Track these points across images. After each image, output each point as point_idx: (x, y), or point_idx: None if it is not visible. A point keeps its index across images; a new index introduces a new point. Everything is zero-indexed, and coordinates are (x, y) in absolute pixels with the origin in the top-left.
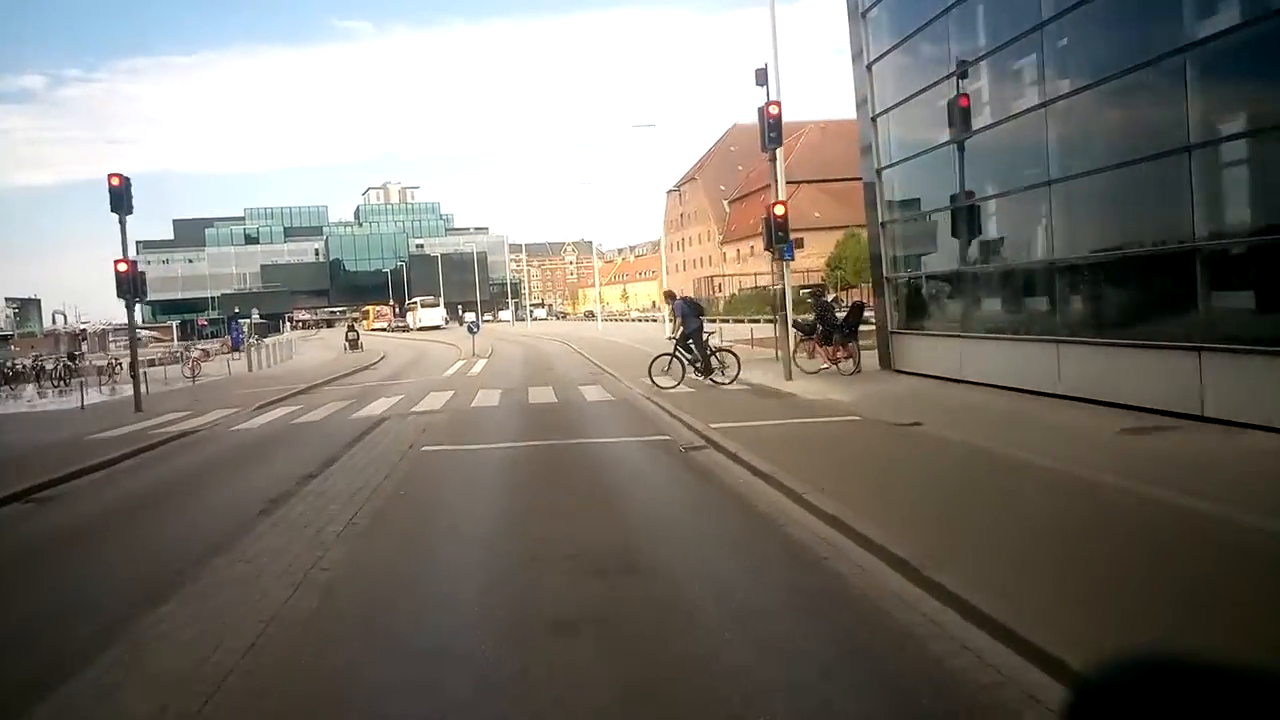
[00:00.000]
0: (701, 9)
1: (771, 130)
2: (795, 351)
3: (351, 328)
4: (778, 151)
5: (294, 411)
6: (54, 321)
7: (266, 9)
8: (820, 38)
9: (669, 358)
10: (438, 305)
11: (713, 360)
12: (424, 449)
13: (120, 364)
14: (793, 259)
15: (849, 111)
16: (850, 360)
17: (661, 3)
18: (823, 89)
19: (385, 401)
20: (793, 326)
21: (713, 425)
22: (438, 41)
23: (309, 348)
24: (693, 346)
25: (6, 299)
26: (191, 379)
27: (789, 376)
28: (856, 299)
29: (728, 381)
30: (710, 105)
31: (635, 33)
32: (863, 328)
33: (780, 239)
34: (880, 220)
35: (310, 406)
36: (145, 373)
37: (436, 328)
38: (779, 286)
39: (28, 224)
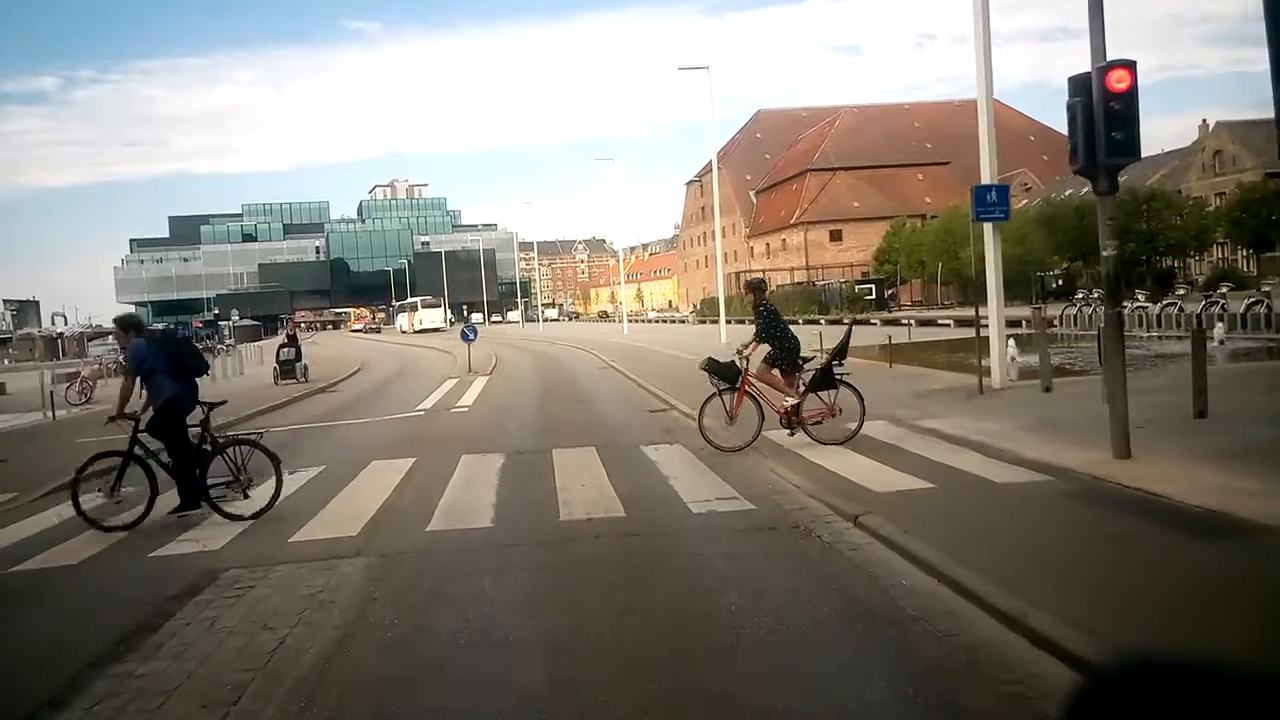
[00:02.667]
0: (711, 11)
1: None
2: (702, 412)
3: (291, 339)
4: None
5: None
6: (52, 323)
7: (278, 11)
8: (825, 31)
9: (115, 458)
10: (438, 306)
11: (229, 458)
12: None
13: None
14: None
15: (884, 96)
16: (826, 421)
17: (669, 5)
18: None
19: (280, 490)
20: (703, 369)
21: None
22: (448, 42)
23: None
24: (172, 439)
25: (5, 301)
26: (55, 408)
27: (1125, 451)
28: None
29: (247, 516)
30: (718, 104)
31: (645, 34)
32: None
33: (1117, 145)
34: None
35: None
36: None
37: (437, 330)
38: (1108, 249)
39: (37, 226)
